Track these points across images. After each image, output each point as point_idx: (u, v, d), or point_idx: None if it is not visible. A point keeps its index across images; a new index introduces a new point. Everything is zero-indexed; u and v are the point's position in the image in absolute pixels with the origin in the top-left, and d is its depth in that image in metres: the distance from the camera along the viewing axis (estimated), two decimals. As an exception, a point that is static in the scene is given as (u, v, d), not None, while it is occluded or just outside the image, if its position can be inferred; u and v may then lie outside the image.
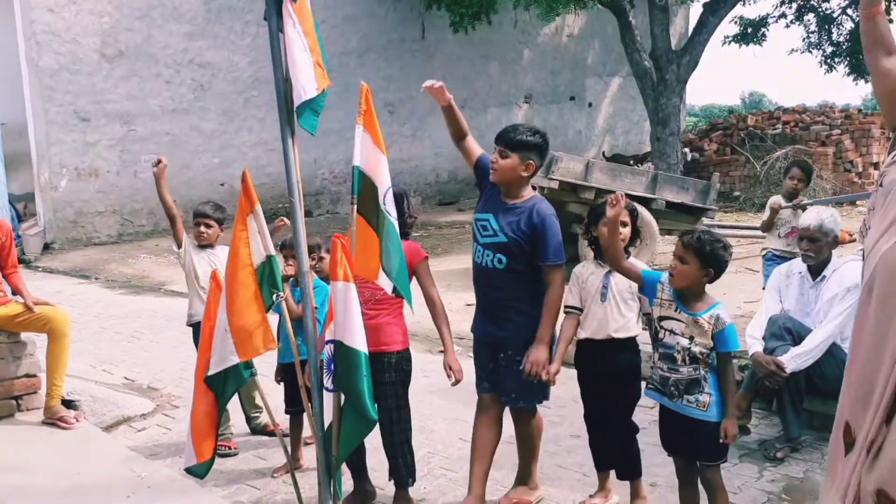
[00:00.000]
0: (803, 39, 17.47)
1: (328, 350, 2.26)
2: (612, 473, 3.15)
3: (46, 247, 10.83)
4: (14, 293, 3.83)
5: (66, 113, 10.72)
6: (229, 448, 3.72)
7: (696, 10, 14.27)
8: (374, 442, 3.20)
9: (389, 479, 3.15)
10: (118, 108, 11.11)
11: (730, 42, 16.33)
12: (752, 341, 3.67)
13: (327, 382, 2.28)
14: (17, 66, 10.57)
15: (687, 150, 12.47)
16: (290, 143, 2.17)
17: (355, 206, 2.30)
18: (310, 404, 2.33)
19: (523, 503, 3.10)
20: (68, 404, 3.86)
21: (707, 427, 2.59)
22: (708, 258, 2.52)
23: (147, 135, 11.39)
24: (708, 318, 2.57)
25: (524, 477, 3.14)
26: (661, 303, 2.67)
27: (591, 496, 3.15)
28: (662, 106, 11.87)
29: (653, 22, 11.71)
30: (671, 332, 2.62)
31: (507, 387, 3.01)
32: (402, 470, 3.06)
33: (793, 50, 18.37)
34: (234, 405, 3.87)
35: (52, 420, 3.66)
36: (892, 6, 11.64)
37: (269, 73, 9.93)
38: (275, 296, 2.31)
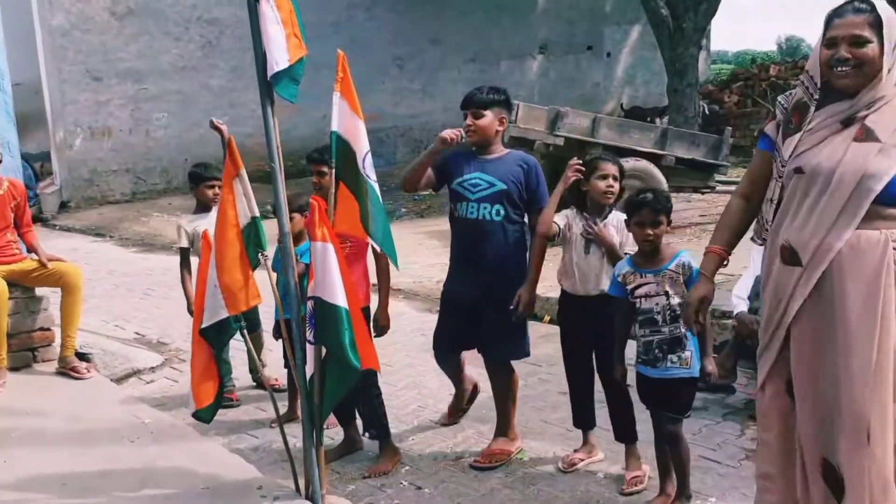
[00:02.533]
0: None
1: (309, 306, 2.45)
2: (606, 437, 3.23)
3: (63, 205, 11.16)
4: (29, 250, 4.08)
5: (78, 72, 10.92)
6: (232, 399, 3.97)
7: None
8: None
9: (364, 433, 3.36)
10: (129, 66, 11.28)
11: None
12: (737, 301, 3.79)
13: (309, 336, 2.47)
14: (31, 26, 10.75)
15: (703, 103, 12.29)
16: (270, 112, 2.33)
17: (333, 171, 2.46)
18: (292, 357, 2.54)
19: (504, 452, 3.29)
20: (82, 357, 4.14)
21: (687, 383, 2.75)
22: (669, 211, 2.75)
23: (158, 93, 11.56)
24: (676, 267, 2.72)
25: (503, 428, 3.33)
26: (626, 279, 2.80)
27: (574, 450, 3.25)
28: (680, 55, 11.65)
29: (668, -33, 11.45)
30: (646, 296, 2.74)
31: (491, 344, 3.21)
32: (372, 425, 3.26)
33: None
34: (236, 359, 4.13)
35: (65, 370, 3.95)
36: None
37: (275, 29, 9.59)
38: (260, 255, 2.49)
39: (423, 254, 7.45)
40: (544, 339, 4.43)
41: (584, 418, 3.24)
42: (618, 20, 17.15)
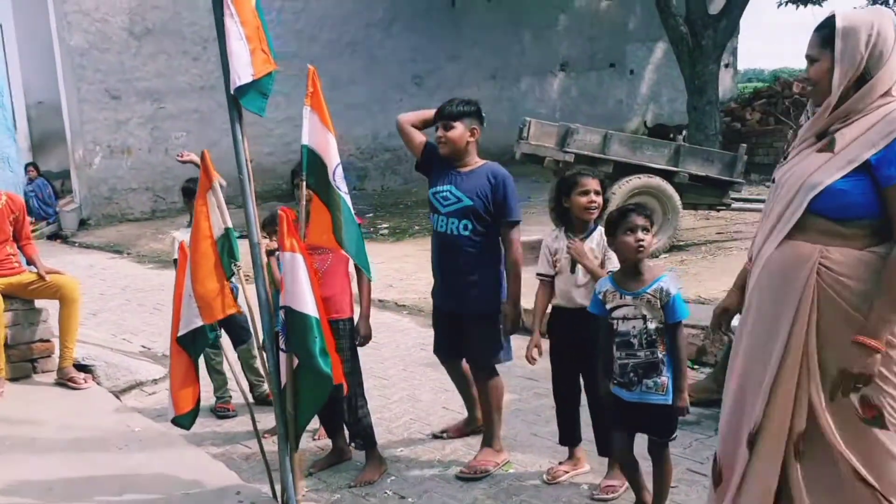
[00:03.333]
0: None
1: (281, 315, 2.55)
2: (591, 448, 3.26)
3: (83, 223, 11.52)
4: (28, 263, 4.27)
5: (97, 91, 11.32)
6: (228, 410, 4.09)
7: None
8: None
9: (350, 443, 3.44)
10: (147, 85, 11.66)
11: (786, 3, 15.86)
12: None
13: (281, 344, 2.57)
14: (51, 46, 11.20)
15: (716, 120, 12.23)
16: (238, 125, 2.46)
17: (304, 183, 2.57)
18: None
19: (489, 463, 3.33)
20: (84, 368, 4.30)
21: (664, 409, 2.70)
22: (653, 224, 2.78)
23: (176, 112, 11.91)
24: (654, 291, 2.66)
25: (488, 439, 3.39)
26: (606, 297, 2.77)
27: (560, 463, 3.28)
28: (699, 73, 11.70)
29: (687, -16, 11.53)
30: (623, 318, 2.72)
31: (470, 350, 3.32)
32: (359, 434, 3.34)
33: (855, 8, 17.63)
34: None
35: (63, 381, 4.11)
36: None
37: (294, 48, 10.34)
38: (234, 265, 2.61)
39: (430, 270, 7.54)
40: (544, 354, 4.48)
41: (569, 435, 3.28)
42: (641, 37, 17.23)
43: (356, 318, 3.37)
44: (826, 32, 2.07)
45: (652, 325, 2.67)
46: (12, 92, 11.47)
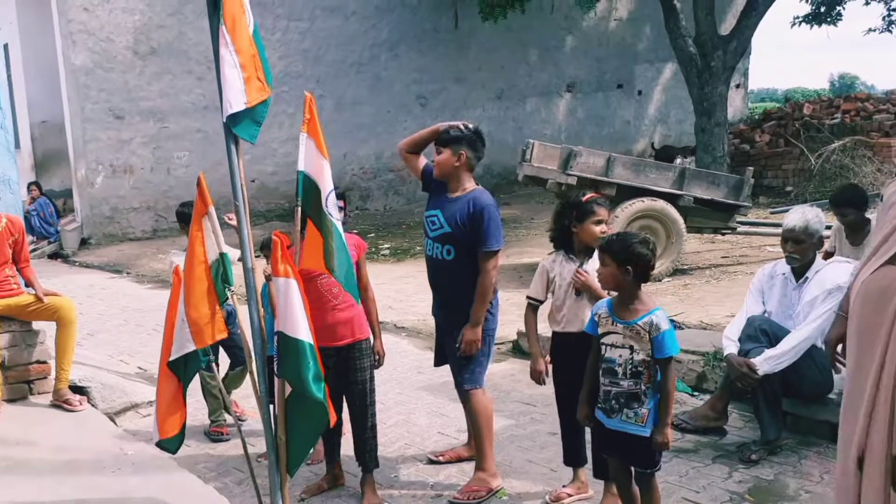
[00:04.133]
0: (883, 18, 16.96)
1: (276, 340, 2.61)
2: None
3: (84, 242, 11.65)
4: (27, 285, 4.36)
5: (101, 110, 11.51)
6: (222, 433, 4.15)
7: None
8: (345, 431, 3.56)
9: (358, 463, 3.48)
10: (151, 105, 11.84)
11: (799, 23, 15.95)
12: (727, 342, 3.84)
13: (276, 369, 2.64)
14: (56, 65, 11.42)
15: (724, 142, 12.33)
16: (234, 150, 2.55)
17: (299, 208, 2.65)
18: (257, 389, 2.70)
19: (482, 489, 3.35)
20: (79, 390, 4.37)
21: (643, 440, 2.74)
22: (622, 256, 2.70)
23: (180, 132, 12.09)
24: (643, 324, 2.70)
25: (480, 462, 3.44)
26: (600, 320, 2.84)
27: (563, 486, 3.33)
28: (708, 94, 11.80)
29: (696, 5, 11.66)
30: (612, 345, 2.77)
31: (454, 371, 3.46)
32: (368, 454, 3.41)
33: (870, 30, 17.74)
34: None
35: (59, 402, 4.19)
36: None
37: (300, 68, 10.58)
38: (227, 290, 2.69)
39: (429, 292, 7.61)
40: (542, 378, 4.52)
41: (574, 456, 3.33)
42: (649, 58, 17.38)
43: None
44: None
45: (638, 357, 2.71)
46: (17, 111, 11.72)
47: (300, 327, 2.55)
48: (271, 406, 2.75)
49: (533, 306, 3.30)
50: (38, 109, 12.66)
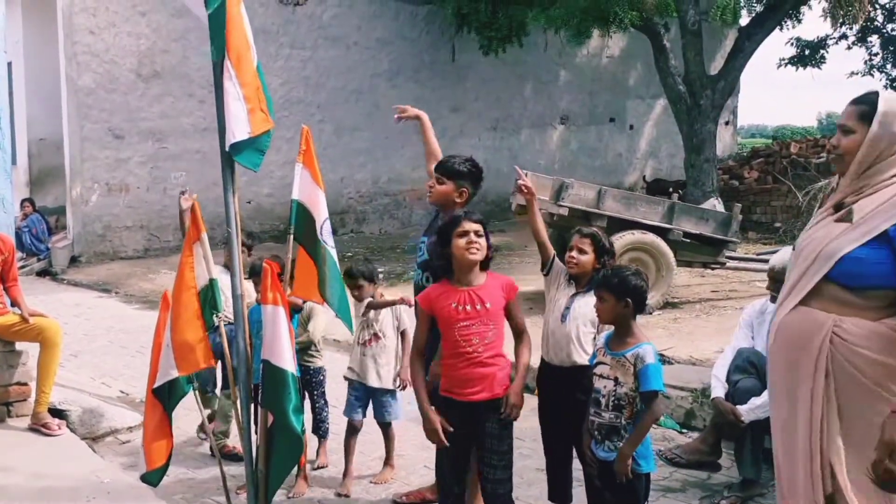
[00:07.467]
0: (865, 62, 17.29)
1: (261, 368, 2.53)
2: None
3: (74, 260, 11.48)
4: (13, 305, 4.24)
5: (100, 130, 11.44)
6: (235, 450, 3.96)
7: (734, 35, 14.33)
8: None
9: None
10: (151, 125, 11.79)
11: (785, 64, 16.23)
12: (715, 383, 3.76)
13: (260, 399, 2.55)
14: (58, 85, 11.38)
15: (713, 178, 12.41)
16: (229, 178, 2.49)
17: (292, 236, 2.59)
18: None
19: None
20: (59, 414, 4.23)
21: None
22: (620, 290, 2.67)
23: (178, 152, 12.02)
24: (631, 356, 2.67)
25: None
26: (598, 351, 2.82)
27: None
28: (697, 132, 11.91)
29: (685, 46, 11.81)
30: (600, 376, 2.74)
31: None
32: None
33: (853, 73, 18.04)
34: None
35: (37, 426, 4.03)
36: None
37: (300, 94, 10.59)
38: (215, 316, 2.60)
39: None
40: (532, 413, 4.41)
41: (560, 493, 3.20)
42: (641, 94, 17.57)
43: None
44: (865, 109, 2.15)
45: (622, 390, 2.67)
46: (16, 127, 11.64)
47: (285, 357, 2.47)
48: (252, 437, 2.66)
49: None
50: (36, 126, 12.57)
